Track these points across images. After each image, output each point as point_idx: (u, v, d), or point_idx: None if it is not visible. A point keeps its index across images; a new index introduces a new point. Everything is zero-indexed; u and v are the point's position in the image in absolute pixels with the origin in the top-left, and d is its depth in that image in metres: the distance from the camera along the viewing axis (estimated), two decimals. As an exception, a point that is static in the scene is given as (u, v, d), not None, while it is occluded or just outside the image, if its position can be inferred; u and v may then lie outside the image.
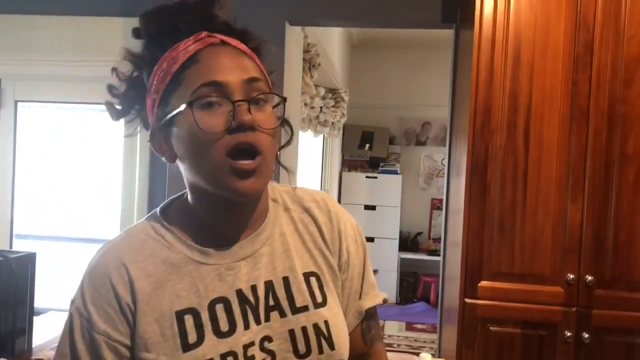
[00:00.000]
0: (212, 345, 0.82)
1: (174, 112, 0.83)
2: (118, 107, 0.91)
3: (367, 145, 6.45)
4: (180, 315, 0.82)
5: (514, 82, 2.19)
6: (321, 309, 0.89)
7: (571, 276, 2.16)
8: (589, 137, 2.16)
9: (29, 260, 1.39)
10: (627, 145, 2.15)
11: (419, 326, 5.31)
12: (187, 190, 0.90)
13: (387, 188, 6.22)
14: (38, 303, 1.62)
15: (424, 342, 4.83)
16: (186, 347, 0.81)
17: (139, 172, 2.57)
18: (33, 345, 1.46)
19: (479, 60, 2.20)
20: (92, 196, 2.39)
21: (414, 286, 6.25)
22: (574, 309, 2.17)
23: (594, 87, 2.16)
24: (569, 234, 2.18)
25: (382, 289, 1.01)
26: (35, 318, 1.54)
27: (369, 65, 6.56)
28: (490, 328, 2.20)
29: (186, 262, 0.86)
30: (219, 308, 0.84)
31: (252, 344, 0.84)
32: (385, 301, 1.01)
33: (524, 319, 2.19)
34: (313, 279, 0.90)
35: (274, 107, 0.87)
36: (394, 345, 4.73)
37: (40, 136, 2.23)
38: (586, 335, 2.14)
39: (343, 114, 5.62)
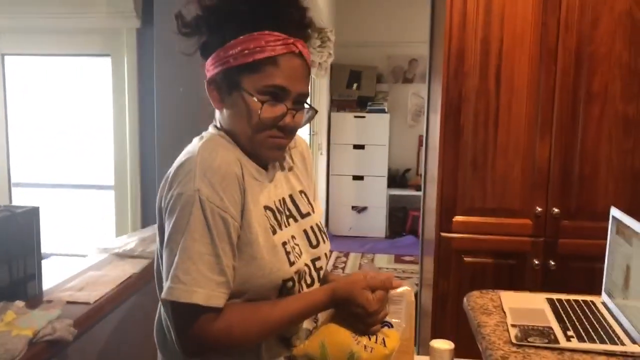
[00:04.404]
0: (285, 230, 1.14)
1: (245, 90, 1.06)
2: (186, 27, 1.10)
3: (355, 85, 6.49)
4: (264, 209, 1.11)
5: (486, 27, 2.27)
6: (314, 215, 1.25)
7: (539, 209, 2.32)
8: (557, 76, 2.27)
9: (34, 213, 1.52)
10: (593, 84, 2.26)
11: (407, 258, 5.56)
12: (223, 129, 1.14)
13: (376, 127, 6.31)
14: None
15: (412, 273, 5.07)
16: (274, 231, 1.11)
17: (129, 120, 2.65)
18: (43, 289, 1.61)
19: (452, 4, 2.27)
20: (85, 144, 2.50)
21: (402, 221, 6.45)
22: (541, 239, 2.34)
23: (563, 28, 2.24)
24: (538, 170, 2.32)
25: (372, 224, 1.47)
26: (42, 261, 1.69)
27: (354, 2, 6.50)
28: (464, 259, 2.38)
29: (249, 174, 1.11)
30: (269, 214, 1.12)
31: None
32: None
33: (496, 250, 2.36)
34: (304, 194, 1.25)
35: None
36: (382, 277, 4.95)
37: (31, 87, 2.31)
38: (552, 263, 2.33)
39: (330, 54, 5.62)
